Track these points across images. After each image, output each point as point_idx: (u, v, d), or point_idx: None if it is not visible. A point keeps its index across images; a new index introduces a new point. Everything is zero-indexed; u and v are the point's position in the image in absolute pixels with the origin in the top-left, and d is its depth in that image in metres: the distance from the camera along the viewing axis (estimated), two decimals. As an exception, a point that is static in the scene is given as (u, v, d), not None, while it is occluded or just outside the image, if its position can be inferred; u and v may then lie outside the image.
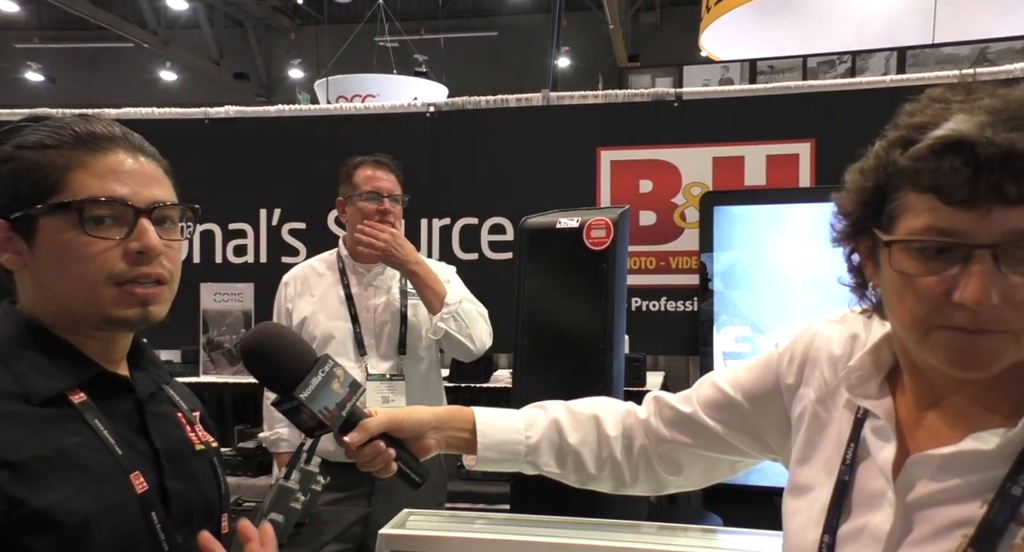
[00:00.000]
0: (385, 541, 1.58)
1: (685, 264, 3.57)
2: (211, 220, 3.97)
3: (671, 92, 3.63)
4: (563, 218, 2.67)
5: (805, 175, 3.42)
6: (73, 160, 0.99)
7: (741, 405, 1.13)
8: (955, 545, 0.83)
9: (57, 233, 0.98)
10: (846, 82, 3.57)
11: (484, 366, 3.67)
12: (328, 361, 1.14)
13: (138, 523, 0.97)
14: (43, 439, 0.93)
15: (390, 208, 2.61)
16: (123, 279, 1.00)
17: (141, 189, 1.02)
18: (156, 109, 3.98)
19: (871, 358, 0.96)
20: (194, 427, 1.14)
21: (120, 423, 1.01)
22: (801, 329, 1.11)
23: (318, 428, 1.12)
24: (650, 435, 1.21)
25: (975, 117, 0.77)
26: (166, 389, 1.13)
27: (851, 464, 0.95)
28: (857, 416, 0.97)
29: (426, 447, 1.19)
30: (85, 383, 0.99)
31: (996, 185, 0.76)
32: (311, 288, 2.67)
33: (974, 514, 0.83)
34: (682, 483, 1.26)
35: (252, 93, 16.08)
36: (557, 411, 1.24)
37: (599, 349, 2.52)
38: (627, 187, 3.64)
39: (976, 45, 6.38)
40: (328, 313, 2.61)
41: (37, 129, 1.01)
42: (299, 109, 4.10)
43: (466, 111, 3.85)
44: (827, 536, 0.94)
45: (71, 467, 0.93)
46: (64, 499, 0.91)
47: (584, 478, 1.24)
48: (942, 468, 0.86)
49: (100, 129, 1.02)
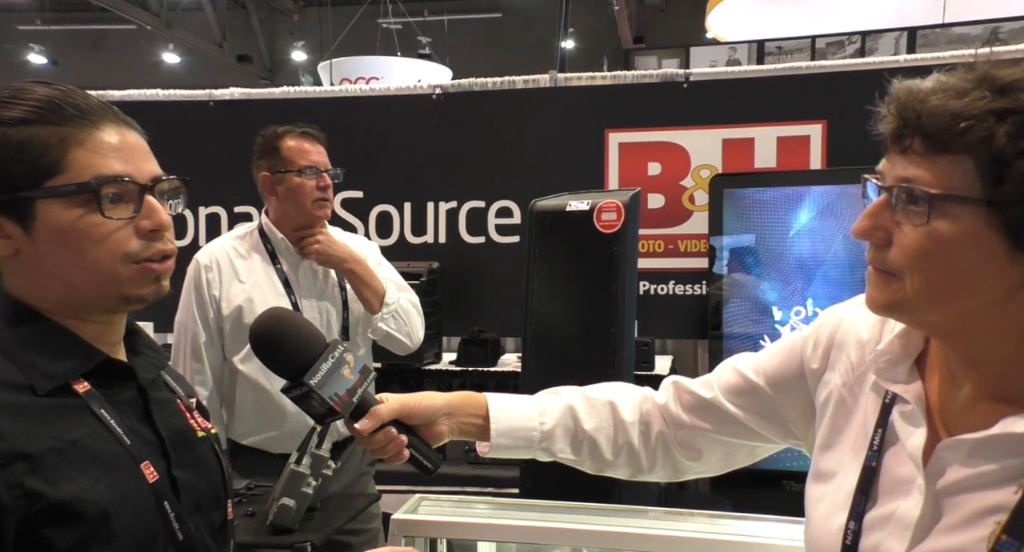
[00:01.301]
0: (397, 526, 1.57)
1: (694, 247, 3.55)
2: (217, 203, 3.96)
3: (680, 73, 3.60)
4: (573, 201, 2.65)
5: (816, 157, 3.39)
6: (67, 137, 0.94)
7: (763, 390, 1.12)
8: (988, 532, 0.81)
9: (62, 216, 0.94)
10: (858, 62, 3.55)
11: (491, 350, 3.66)
12: (338, 346, 1.12)
13: (152, 512, 0.96)
14: (55, 431, 0.91)
15: (331, 183, 2.45)
16: (139, 258, 0.98)
17: (140, 164, 0.99)
18: (161, 91, 3.95)
19: (900, 342, 0.94)
20: (193, 413, 1.12)
21: (125, 412, 0.99)
22: (827, 313, 1.09)
23: (328, 415, 1.10)
24: (669, 421, 1.20)
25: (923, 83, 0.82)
26: (164, 375, 1.11)
27: (879, 450, 0.93)
28: (885, 401, 0.95)
29: (438, 433, 1.18)
30: (88, 371, 0.97)
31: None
32: (238, 272, 2.45)
33: (1007, 500, 0.81)
34: (701, 469, 1.24)
35: (255, 76, 16.02)
36: (572, 397, 1.23)
37: (610, 333, 2.50)
38: (636, 169, 3.61)
39: (987, 25, 6.30)
40: (266, 300, 2.38)
41: (3, 103, 0.95)
42: (305, 91, 4.08)
43: (473, 93, 3.82)
44: (853, 522, 0.92)
45: (85, 458, 0.92)
46: (83, 491, 0.90)
47: (600, 465, 1.22)
48: (973, 453, 0.84)
49: (83, 102, 0.97)
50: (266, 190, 2.48)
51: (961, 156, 0.78)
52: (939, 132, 0.78)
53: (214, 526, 1.07)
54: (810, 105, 3.38)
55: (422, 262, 3.63)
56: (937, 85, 0.81)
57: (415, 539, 1.58)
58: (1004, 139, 0.76)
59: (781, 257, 3.10)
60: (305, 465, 2.04)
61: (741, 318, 3.19)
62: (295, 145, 2.44)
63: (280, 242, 2.47)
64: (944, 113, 0.78)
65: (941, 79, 0.81)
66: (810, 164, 3.39)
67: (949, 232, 0.79)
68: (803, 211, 3.04)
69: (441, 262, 3.74)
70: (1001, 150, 0.76)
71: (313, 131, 2.49)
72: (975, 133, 0.77)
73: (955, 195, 0.78)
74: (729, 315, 3.20)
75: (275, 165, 2.44)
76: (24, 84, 0.97)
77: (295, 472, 2.01)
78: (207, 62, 15.86)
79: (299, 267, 2.48)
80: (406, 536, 1.57)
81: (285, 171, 2.42)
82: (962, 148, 0.78)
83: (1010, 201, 0.76)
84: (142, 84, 4.20)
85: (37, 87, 0.97)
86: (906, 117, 0.81)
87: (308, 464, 2.05)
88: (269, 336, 1.11)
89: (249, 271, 2.46)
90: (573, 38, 14.65)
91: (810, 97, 3.40)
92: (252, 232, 2.53)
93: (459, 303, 3.79)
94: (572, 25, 14.02)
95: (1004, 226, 0.78)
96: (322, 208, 2.44)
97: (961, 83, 0.80)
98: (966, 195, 0.78)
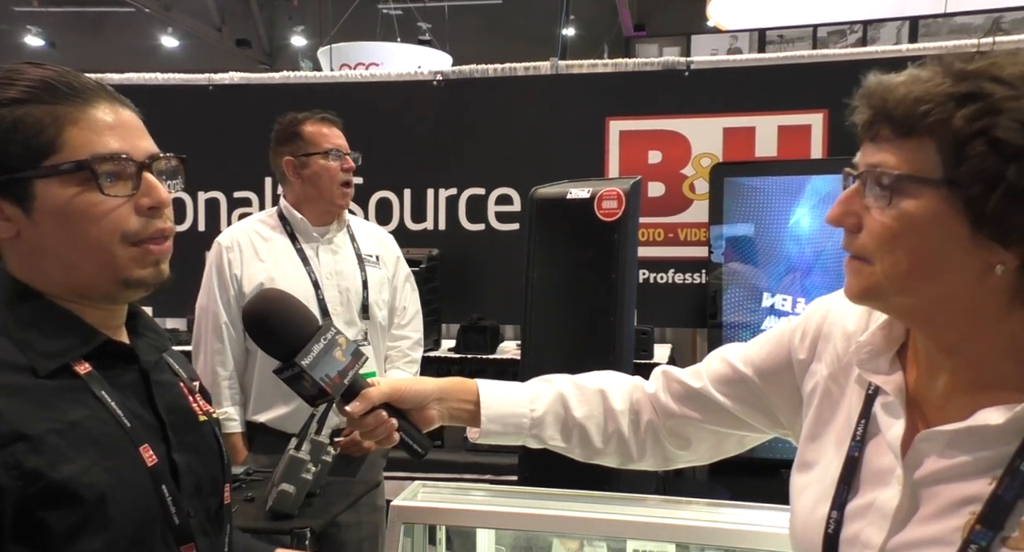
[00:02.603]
0: (396, 513, 1.57)
1: (694, 236, 3.55)
2: (216, 188, 3.95)
3: (681, 61, 3.59)
4: (573, 189, 2.64)
5: (817, 146, 3.39)
6: (62, 116, 0.94)
7: (752, 380, 1.12)
8: (963, 522, 0.82)
9: (61, 195, 0.93)
10: (860, 51, 3.54)
11: (490, 337, 3.66)
12: (331, 329, 1.12)
13: (150, 496, 0.96)
14: (54, 412, 0.91)
15: (353, 165, 2.52)
16: (138, 238, 0.97)
17: (136, 142, 0.98)
18: (160, 75, 3.93)
19: (882, 333, 0.95)
20: (195, 396, 1.12)
21: (127, 394, 0.99)
22: (815, 304, 1.10)
23: (319, 396, 1.10)
24: (658, 410, 1.20)
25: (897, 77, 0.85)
26: (166, 357, 1.11)
27: (861, 440, 0.95)
28: (868, 392, 0.96)
29: (429, 418, 1.18)
30: (90, 353, 0.97)
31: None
32: (259, 252, 2.49)
33: (982, 491, 0.82)
34: (690, 458, 1.25)
35: (254, 61, 15.92)
36: (563, 384, 1.23)
37: (610, 322, 2.50)
38: (636, 158, 3.61)
39: (989, 14, 6.28)
40: (287, 278, 2.44)
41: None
42: (304, 76, 4.06)
43: (473, 80, 3.81)
44: (835, 512, 0.93)
45: (84, 440, 0.91)
46: (81, 472, 0.90)
47: (590, 452, 1.23)
48: (951, 445, 0.86)
49: (76, 81, 0.97)
50: (290, 174, 2.51)
51: (924, 139, 0.81)
52: (903, 117, 0.82)
53: (211, 511, 1.07)
54: (811, 94, 3.38)
55: (422, 249, 3.63)
56: (906, 77, 0.85)
57: (414, 526, 1.59)
58: (962, 122, 0.79)
59: (781, 246, 3.10)
60: (304, 451, 2.05)
61: (740, 307, 3.19)
62: (317, 130, 2.50)
63: (300, 223, 2.52)
64: (908, 98, 0.82)
65: (911, 72, 0.85)
66: (811, 153, 3.38)
67: (914, 213, 0.82)
68: (803, 200, 3.04)
69: (441, 249, 3.74)
70: (959, 132, 0.79)
71: (331, 116, 2.56)
72: (935, 116, 0.80)
73: (918, 176, 0.82)
74: (728, 304, 3.21)
75: (298, 149, 2.49)
76: (16, 65, 0.97)
77: (294, 458, 2.01)
78: (206, 46, 15.76)
79: (319, 247, 2.53)
80: (405, 522, 1.57)
81: (310, 154, 2.47)
82: (924, 131, 0.81)
83: (968, 181, 0.79)
84: (141, 67, 4.18)
85: (29, 68, 0.96)
86: (875, 105, 0.85)
87: (307, 450, 2.05)
88: (262, 317, 1.12)
89: (270, 251, 2.50)
90: (574, 25, 14.57)
91: (811, 86, 3.39)
92: (272, 215, 2.58)
93: (458, 290, 3.79)
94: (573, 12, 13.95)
95: (964, 207, 0.80)
96: (344, 196, 2.52)
97: (927, 74, 0.83)
98: (928, 176, 0.81)
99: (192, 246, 3.20)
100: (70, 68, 1.00)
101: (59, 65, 0.99)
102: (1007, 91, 0.78)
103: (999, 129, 0.77)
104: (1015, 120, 0.77)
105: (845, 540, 0.92)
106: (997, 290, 0.83)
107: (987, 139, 0.78)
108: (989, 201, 0.78)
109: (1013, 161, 0.77)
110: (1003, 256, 0.81)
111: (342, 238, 2.58)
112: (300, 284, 2.45)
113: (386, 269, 2.64)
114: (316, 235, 2.52)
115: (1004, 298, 0.83)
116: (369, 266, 2.58)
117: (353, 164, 2.52)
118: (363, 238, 2.63)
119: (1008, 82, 0.79)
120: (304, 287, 2.45)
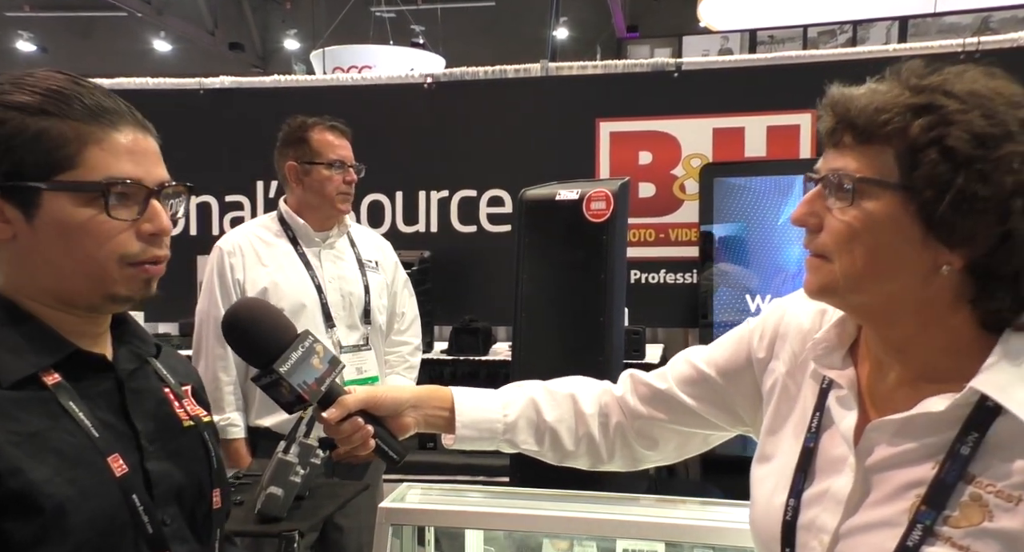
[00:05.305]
0: (385, 514, 1.57)
1: (684, 236, 3.56)
2: (207, 192, 3.95)
3: (671, 62, 3.60)
4: (562, 190, 2.65)
5: (806, 146, 3.40)
6: (86, 135, 0.95)
7: (714, 380, 1.17)
8: (909, 505, 0.88)
9: (68, 210, 0.94)
10: (849, 52, 3.55)
11: (483, 339, 3.66)
12: (308, 337, 1.14)
13: (119, 506, 0.96)
14: (14, 423, 0.91)
15: (355, 178, 2.51)
16: (136, 260, 0.98)
17: (151, 168, 1.00)
18: (151, 79, 3.94)
19: (836, 330, 1.01)
20: (183, 402, 1.11)
21: (99, 404, 0.99)
22: (772, 306, 1.16)
23: (297, 403, 1.11)
24: (626, 412, 1.24)
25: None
26: (152, 363, 1.11)
27: (816, 432, 1.00)
28: (822, 386, 1.02)
29: (404, 425, 1.20)
30: (61, 363, 0.96)
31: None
32: (261, 257, 2.47)
33: (927, 475, 0.88)
34: (657, 458, 1.29)
35: (247, 64, 15.90)
36: (534, 390, 1.27)
37: (600, 322, 2.51)
38: (626, 159, 3.61)
39: (978, 14, 6.31)
40: (291, 283, 2.44)
41: (23, 88, 0.95)
42: (296, 80, 4.06)
43: (464, 82, 3.81)
44: (793, 500, 0.99)
45: (44, 451, 0.91)
46: (40, 482, 0.89)
47: (561, 455, 1.26)
48: (898, 433, 0.92)
49: (107, 102, 0.98)
50: (291, 179, 2.51)
51: (883, 146, 0.88)
52: (864, 125, 0.88)
53: (196, 517, 1.07)
54: (800, 94, 3.37)
55: (414, 251, 3.63)
56: (866, 89, 0.92)
57: (403, 527, 1.59)
58: (918, 130, 0.85)
59: (771, 245, 3.11)
60: (293, 454, 2.04)
61: (730, 306, 3.20)
62: (324, 138, 2.49)
63: (301, 228, 2.52)
64: (869, 108, 0.88)
65: (871, 85, 0.92)
66: (800, 153, 3.40)
67: (871, 214, 0.88)
68: (793, 200, 3.06)
69: (433, 251, 3.74)
70: (915, 140, 0.85)
71: (341, 126, 2.55)
72: (895, 124, 0.86)
73: (876, 179, 0.88)
74: (718, 303, 3.22)
75: (303, 156, 2.48)
76: (46, 72, 0.98)
77: (283, 461, 2.01)
78: (199, 50, 15.73)
79: (321, 252, 2.53)
80: (394, 524, 1.57)
81: (314, 163, 2.47)
82: (883, 139, 0.87)
83: (922, 186, 0.85)
84: (133, 72, 4.18)
85: (60, 79, 0.97)
86: (839, 114, 0.91)
87: (296, 453, 2.05)
88: (240, 325, 1.13)
89: (272, 256, 2.49)
90: (567, 27, 14.59)
91: (800, 86, 3.38)
92: (273, 219, 2.57)
93: (451, 292, 3.79)
94: (566, 14, 13.98)
95: (917, 210, 0.86)
96: (345, 202, 2.51)
97: (885, 87, 0.90)
98: (886, 180, 0.87)
99: (182, 251, 3.19)
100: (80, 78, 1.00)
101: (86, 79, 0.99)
102: (958, 105, 0.85)
103: (951, 138, 0.84)
104: (965, 131, 0.84)
105: (802, 526, 0.97)
106: (942, 290, 0.89)
107: (940, 148, 0.84)
108: (940, 205, 0.84)
109: (962, 169, 0.83)
110: (949, 257, 0.87)
111: (343, 243, 2.59)
112: (304, 288, 2.45)
113: (385, 275, 2.65)
114: (318, 240, 2.53)
115: (948, 297, 0.89)
116: (370, 271, 2.59)
117: (356, 177, 2.52)
118: (363, 243, 2.64)
119: (959, 96, 0.85)
120: (308, 292, 2.45)
